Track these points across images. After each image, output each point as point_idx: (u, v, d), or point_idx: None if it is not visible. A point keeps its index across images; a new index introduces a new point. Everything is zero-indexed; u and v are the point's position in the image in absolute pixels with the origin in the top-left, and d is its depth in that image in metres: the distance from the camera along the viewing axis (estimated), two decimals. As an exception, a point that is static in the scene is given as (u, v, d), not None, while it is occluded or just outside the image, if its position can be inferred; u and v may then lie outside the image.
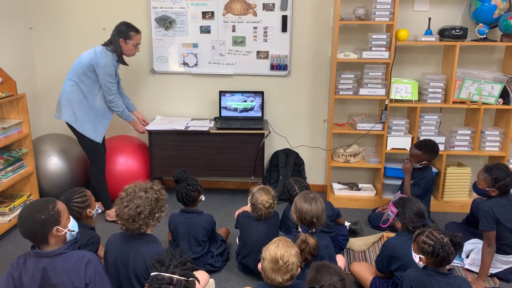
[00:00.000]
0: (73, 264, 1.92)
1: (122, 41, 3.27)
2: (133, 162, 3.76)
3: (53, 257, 1.91)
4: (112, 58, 3.29)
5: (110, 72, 3.26)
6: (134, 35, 3.30)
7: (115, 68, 3.35)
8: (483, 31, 3.47)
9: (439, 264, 2.05)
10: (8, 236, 3.30)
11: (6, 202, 3.43)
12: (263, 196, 2.79)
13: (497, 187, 2.72)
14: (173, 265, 1.75)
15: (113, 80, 3.30)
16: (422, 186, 3.35)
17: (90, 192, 2.58)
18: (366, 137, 3.87)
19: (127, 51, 3.34)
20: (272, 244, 2.08)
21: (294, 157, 4.05)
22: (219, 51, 3.93)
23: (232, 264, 2.98)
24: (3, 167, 3.32)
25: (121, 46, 3.29)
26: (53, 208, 1.93)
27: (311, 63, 3.92)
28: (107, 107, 3.40)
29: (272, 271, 2.01)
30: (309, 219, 2.36)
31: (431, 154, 3.36)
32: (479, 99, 3.58)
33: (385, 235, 3.19)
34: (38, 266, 1.92)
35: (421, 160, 3.34)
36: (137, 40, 3.34)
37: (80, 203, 2.46)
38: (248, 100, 3.90)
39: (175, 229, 2.84)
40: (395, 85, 3.64)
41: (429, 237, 2.05)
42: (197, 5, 3.84)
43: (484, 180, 2.78)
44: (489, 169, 2.79)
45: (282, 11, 3.80)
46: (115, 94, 3.34)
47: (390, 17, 3.47)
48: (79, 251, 2.02)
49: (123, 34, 3.27)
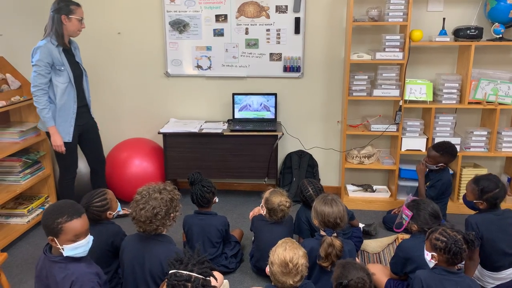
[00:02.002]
0: (63, 277, 1.91)
1: (65, 18, 2.95)
2: (148, 164, 3.80)
3: (52, 262, 1.95)
4: (45, 44, 2.94)
5: (37, 61, 2.91)
6: (76, 9, 2.99)
7: (51, 56, 2.94)
8: (499, 31, 3.43)
9: (451, 262, 2.04)
10: (27, 237, 3.37)
11: (24, 203, 3.50)
12: (280, 197, 2.78)
13: (484, 199, 2.56)
14: (191, 263, 1.78)
15: (40, 70, 2.92)
16: (438, 188, 3.32)
17: (112, 193, 2.61)
18: (380, 139, 3.85)
19: (71, 28, 3.00)
20: (279, 247, 2.07)
21: (308, 158, 4.04)
22: (232, 53, 3.96)
23: (246, 265, 2.99)
24: (22, 169, 3.39)
25: (63, 25, 2.96)
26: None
27: (324, 64, 3.92)
28: (67, 102, 3.07)
29: (282, 274, 2.01)
30: (333, 221, 2.36)
31: (448, 157, 3.33)
32: (495, 99, 3.53)
33: (400, 237, 3.17)
34: (45, 264, 1.98)
35: (438, 162, 3.32)
36: (81, 13, 3.03)
37: (99, 207, 2.49)
38: (263, 110, 3.92)
39: (190, 230, 2.87)
40: (409, 86, 3.62)
41: (442, 234, 2.06)
42: (211, 8, 3.87)
43: (471, 191, 2.62)
44: (477, 180, 2.61)
45: (295, 13, 3.81)
46: (37, 87, 2.94)
47: (403, 18, 3.45)
48: (78, 265, 1.95)
49: (63, 10, 2.95)
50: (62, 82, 3.02)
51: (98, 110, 4.17)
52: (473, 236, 2.04)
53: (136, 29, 4.00)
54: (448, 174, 3.40)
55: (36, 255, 3.11)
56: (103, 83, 4.12)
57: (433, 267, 2.11)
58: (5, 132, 3.35)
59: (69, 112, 3.09)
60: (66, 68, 3.03)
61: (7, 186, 3.33)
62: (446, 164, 3.36)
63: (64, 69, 3.01)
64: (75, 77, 3.09)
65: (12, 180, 3.37)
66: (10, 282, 2.62)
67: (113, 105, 4.18)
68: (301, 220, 2.92)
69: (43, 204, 3.59)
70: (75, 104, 3.11)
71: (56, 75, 3.00)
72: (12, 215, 3.41)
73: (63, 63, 3.01)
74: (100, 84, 4.11)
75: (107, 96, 4.15)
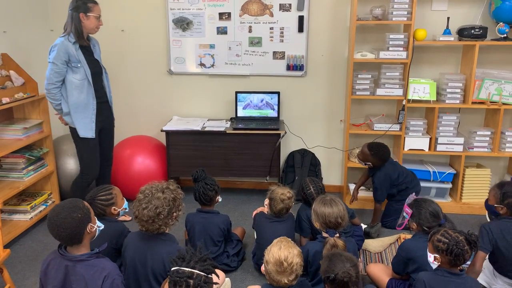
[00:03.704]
0: (92, 274, 1.92)
1: (83, 15, 3.00)
2: (151, 162, 3.81)
3: (75, 262, 1.93)
4: (62, 42, 2.97)
5: (54, 58, 2.95)
6: (93, 6, 3.04)
7: (67, 54, 2.97)
8: (504, 30, 3.41)
9: (453, 263, 2.04)
10: (30, 234, 3.38)
11: (27, 200, 3.51)
12: (282, 189, 2.81)
13: (505, 204, 2.54)
14: (193, 260, 1.79)
15: (56, 68, 2.96)
16: (379, 188, 3.36)
17: (119, 190, 2.62)
18: (383, 138, 3.84)
19: (90, 26, 3.05)
20: (274, 246, 2.09)
21: (310, 157, 4.04)
22: (235, 51, 3.95)
23: (248, 264, 3.00)
24: (25, 166, 3.40)
25: (82, 22, 3.01)
26: (84, 206, 1.96)
27: (327, 63, 3.91)
28: (86, 99, 3.09)
29: (277, 273, 2.03)
30: (334, 221, 2.37)
31: (377, 159, 3.35)
32: (499, 99, 3.52)
33: (402, 237, 3.17)
34: (62, 264, 1.95)
35: (366, 160, 3.37)
36: (98, 11, 3.07)
37: (104, 200, 2.51)
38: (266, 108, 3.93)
39: (192, 229, 2.87)
40: (413, 85, 3.61)
41: (444, 235, 2.05)
42: (214, 6, 3.86)
43: (494, 195, 2.61)
44: (501, 184, 2.63)
45: (298, 11, 3.80)
46: (53, 85, 2.99)
47: (408, 17, 3.44)
48: (102, 260, 1.98)
49: (81, 8, 2.99)
50: (78, 78, 3.03)
51: (101, 107, 4.20)
52: (475, 237, 2.03)
53: (140, 26, 4.00)
54: (381, 172, 3.37)
55: (39, 251, 3.13)
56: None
57: (435, 269, 2.11)
58: (8, 128, 3.36)
59: (88, 108, 3.11)
60: (83, 65, 3.04)
61: (10, 183, 3.34)
62: (373, 164, 3.37)
63: (80, 66, 3.03)
64: (92, 73, 3.10)
65: (16, 176, 3.38)
66: (13, 278, 2.63)
67: (116, 102, 4.14)
68: (302, 218, 2.93)
69: (46, 201, 3.60)
70: (94, 100, 3.13)
71: (72, 72, 3.02)
72: (15, 212, 3.42)
73: (80, 60, 3.02)
74: (103, 82, 4.11)
75: (110, 94, 4.15)
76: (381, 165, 3.38)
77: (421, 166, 3.81)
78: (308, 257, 2.43)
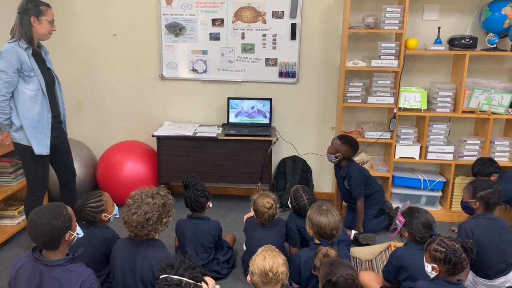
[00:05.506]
0: (69, 279, 1.90)
1: (34, 19, 2.69)
2: (141, 167, 3.78)
3: (51, 267, 1.91)
4: (13, 47, 2.66)
5: (5, 66, 2.63)
6: (46, 10, 2.74)
7: (19, 61, 2.66)
8: (493, 41, 3.46)
9: (452, 272, 2.02)
10: (17, 239, 3.33)
11: (15, 205, 3.47)
12: (263, 199, 2.79)
13: (478, 198, 2.61)
14: (182, 268, 1.77)
15: (7, 78, 2.64)
16: (357, 183, 3.34)
17: (109, 196, 2.58)
18: (374, 146, 3.86)
19: (41, 31, 2.74)
20: (258, 256, 2.05)
21: (302, 164, 4.04)
22: (228, 58, 3.96)
23: (238, 271, 2.98)
24: (13, 170, 3.36)
25: (33, 27, 2.70)
26: (67, 213, 1.94)
27: (319, 70, 3.93)
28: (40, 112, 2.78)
29: (263, 284, 2.00)
30: (329, 232, 2.34)
31: (347, 147, 3.35)
32: (489, 108, 3.56)
33: (392, 244, 3.17)
34: (36, 269, 1.92)
35: (337, 151, 3.36)
36: (51, 15, 2.78)
37: (94, 208, 2.47)
38: (258, 115, 3.92)
39: (182, 235, 2.85)
40: (404, 94, 3.63)
41: (440, 244, 2.04)
42: (207, 12, 3.87)
43: (467, 192, 2.71)
44: (473, 181, 2.76)
45: (291, 19, 3.82)
46: (4, 97, 2.66)
47: (399, 26, 3.47)
48: (77, 265, 1.96)
49: (32, 11, 2.69)
50: (31, 89, 2.73)
51: (92, 111, 4.17)
52: (471, 244, 2.03)
53: (132, 31, 3.99)
54: (354, 165, 3.40)
55: (26, 257, 3.08)
56: (97, 85, 4.09)
57: (433, 278, 2.09)
58: (-3, 132, 3.31)
59: (43, 122, 2.80)
60: (37, 74, 2.74)
61: (-3, 187, 3.30)
62: (344, 155, 3.37)
63: (34, 75, 2.72)
64: (46, 84, 2.80)
65: (3, 181, 3.34)
66: (-2, 285, 2.58)
67: (107, 107, 4.16)
68: (291, 228, 2.88)
69: (34, 206, 3.55)
70: (49, 113, 2.83)
71: (24, 82, 2.71)
72: (2, 217, 3.37)
73: (33, 68, 2.72)
74: (94, 86, 4.09)
75: (101, 98, 4.13)
76: (351, 156, 3.40)
77: (411, 174, 3.83)
78: (300, 264, 2.42)
